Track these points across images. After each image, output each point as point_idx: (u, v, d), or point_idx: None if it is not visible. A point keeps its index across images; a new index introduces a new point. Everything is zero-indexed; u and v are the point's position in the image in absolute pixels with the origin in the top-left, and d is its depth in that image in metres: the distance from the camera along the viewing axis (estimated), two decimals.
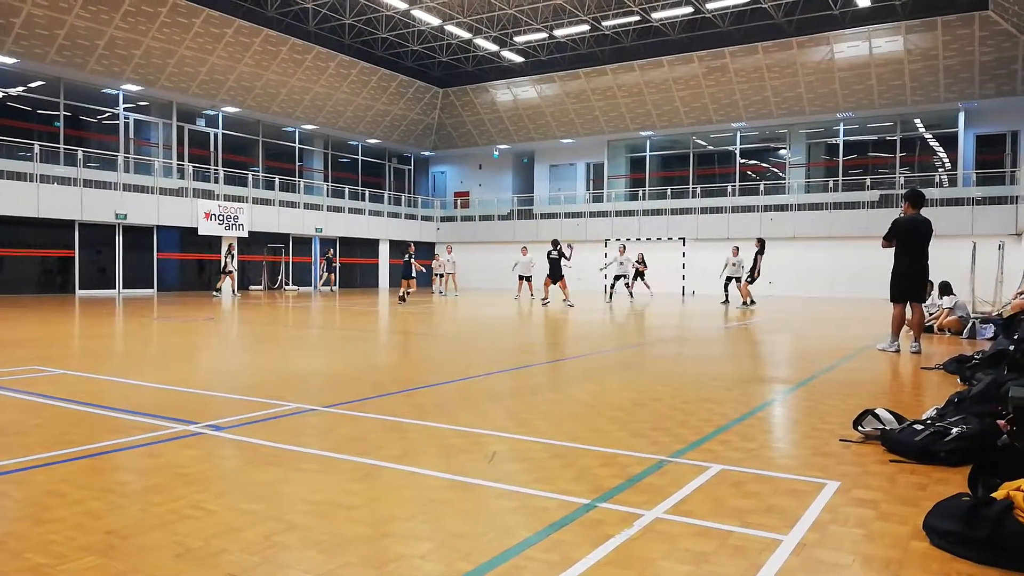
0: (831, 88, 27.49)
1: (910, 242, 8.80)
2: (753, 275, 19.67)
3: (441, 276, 28.16)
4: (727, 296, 21.62)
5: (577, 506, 3.10)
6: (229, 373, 7.48)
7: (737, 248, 22.18)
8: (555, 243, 19.79)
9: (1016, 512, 2.62)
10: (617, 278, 22.92)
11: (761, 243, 19.81)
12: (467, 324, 14.25)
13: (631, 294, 23.80)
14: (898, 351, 8.96)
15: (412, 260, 21.45)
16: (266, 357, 8.67)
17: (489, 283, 33.99)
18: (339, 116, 32.26)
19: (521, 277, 23.01)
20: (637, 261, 24.66)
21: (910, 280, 8.88)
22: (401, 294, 20.59)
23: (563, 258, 19.41)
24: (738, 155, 31.99)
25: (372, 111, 33.21)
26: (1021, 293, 11.03)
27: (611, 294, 23.10)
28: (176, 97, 26.88)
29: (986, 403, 4.46)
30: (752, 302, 19.59)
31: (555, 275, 19.27)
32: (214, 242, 27.66)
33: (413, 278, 21.70)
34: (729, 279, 21.68)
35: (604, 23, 27.68)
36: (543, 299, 19.68)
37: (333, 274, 29.73)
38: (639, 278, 24.95)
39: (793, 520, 2.96)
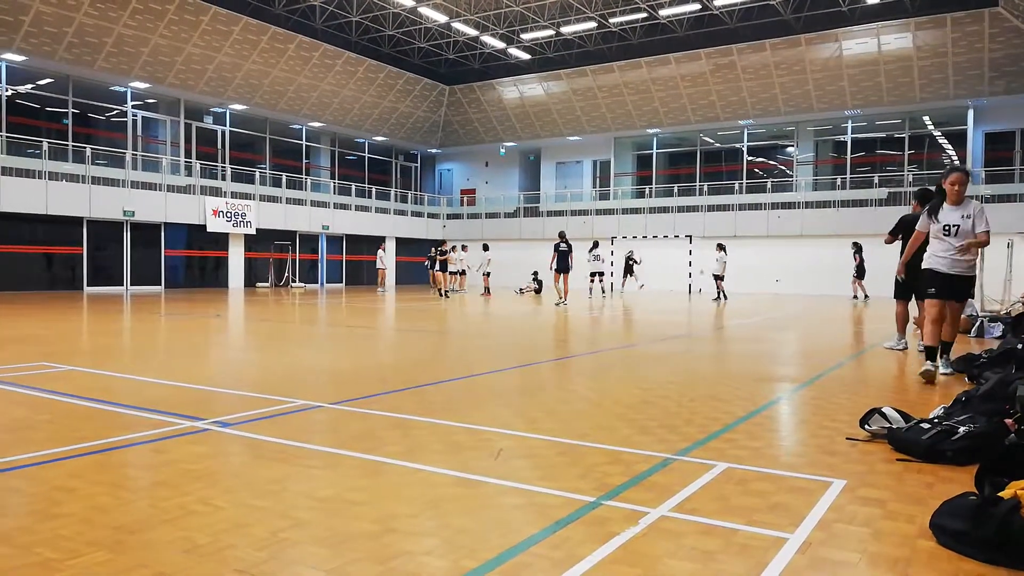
0: (839, 85, 27.37)
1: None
2: None
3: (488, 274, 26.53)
4: (719, 293, 21.93)
5: (583, 504, 3.10)
6: (236, 369, 7.50)
7: (721, 245, 22.66)
8: (562, 235, 19.70)
9: (1023, 511, 2.61)
10: (593, 275, 23.82)
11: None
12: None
13: (603, 291, 25.09)
14: (905, 349, 8.92)
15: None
16: (273, 353, 8.69)
17: (492, 281, 33.85)
18: (346, 113, 32.31)
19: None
20: (627, 258, 27.14)
21: (913, 277, 8.82)
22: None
23: (571, 252, 19.36)
24: (745, 152, 31.89)
25: (379, 108, 33.24)
26: None
27: (607, 289, 25.00)
28: (184, 94, 26.97)
29: (994, 402, 4.44)
30: None
31: (562, 267, 19.22)
32: (221, 239, 27.78)
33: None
34: (716, 276, 22.04)
35: (611, 20, 27.63)
36: (561, 301, 19.25)
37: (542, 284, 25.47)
38: (629, 274, 27.36)
39: (799, 518, 2.96)
